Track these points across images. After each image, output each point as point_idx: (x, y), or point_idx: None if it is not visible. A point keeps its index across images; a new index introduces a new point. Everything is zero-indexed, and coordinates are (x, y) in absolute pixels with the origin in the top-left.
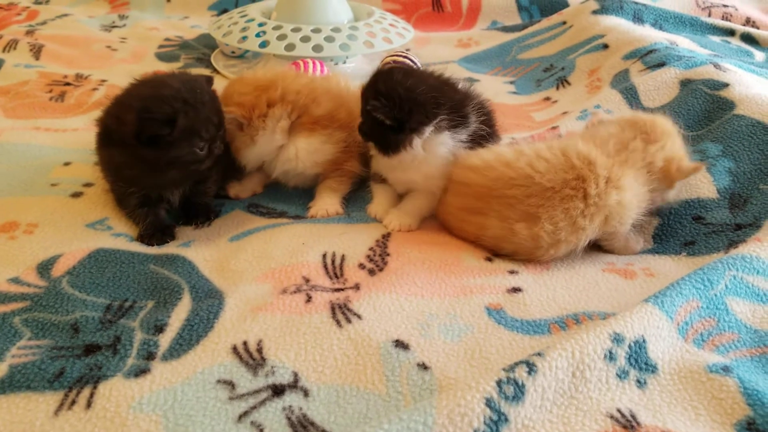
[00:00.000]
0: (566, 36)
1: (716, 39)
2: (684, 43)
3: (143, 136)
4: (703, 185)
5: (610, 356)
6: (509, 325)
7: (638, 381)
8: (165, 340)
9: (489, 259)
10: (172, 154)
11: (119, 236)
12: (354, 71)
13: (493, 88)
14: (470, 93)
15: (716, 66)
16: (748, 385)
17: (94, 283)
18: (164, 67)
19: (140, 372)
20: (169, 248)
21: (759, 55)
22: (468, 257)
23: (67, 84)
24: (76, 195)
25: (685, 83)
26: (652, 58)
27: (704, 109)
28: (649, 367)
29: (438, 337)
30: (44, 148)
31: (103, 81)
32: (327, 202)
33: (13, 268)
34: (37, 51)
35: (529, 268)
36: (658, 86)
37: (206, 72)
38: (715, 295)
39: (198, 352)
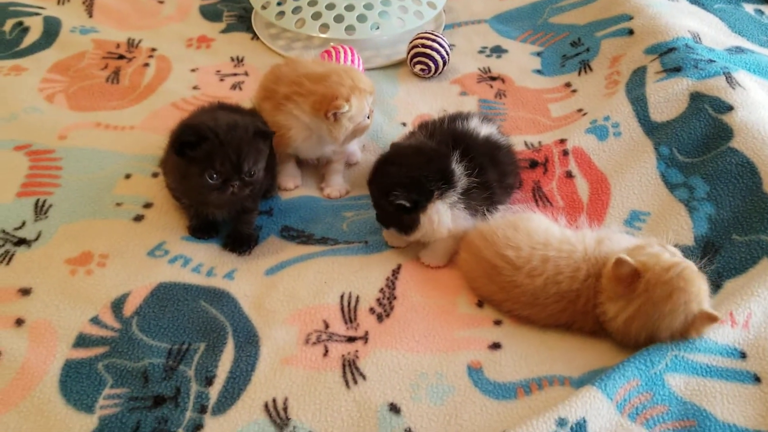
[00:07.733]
0: (597, 6)
1: (749, 9)
2: (710, 32)
3: (175, 145)
4: (684, 232)
5: None
6: (483, 388)
7: None
8: (214, 392)
9: (479, 305)
10: (188, 171)
11: (175, 261)
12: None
13: (518, 63)
14: (457, 139)
15: (728, 78)
16: None
17: (158, 325)
18: (207, 25)
19: (195, 428)
20: (217, 281)
21: None
22: (462, 302)
23: (121, 57)
24: (138, 218)
25: (695, 97)
26: (670, 59)
27: (704, 134)
28: None
29: (425, 400)
30: (106, 155)
31: (153, 50)
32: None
33: (92, 307)
34: (89, 6)
35: (512, 319)
36: (668, 98)
37: (247, 36)
38: (655, 374)
39: (238, 408)
